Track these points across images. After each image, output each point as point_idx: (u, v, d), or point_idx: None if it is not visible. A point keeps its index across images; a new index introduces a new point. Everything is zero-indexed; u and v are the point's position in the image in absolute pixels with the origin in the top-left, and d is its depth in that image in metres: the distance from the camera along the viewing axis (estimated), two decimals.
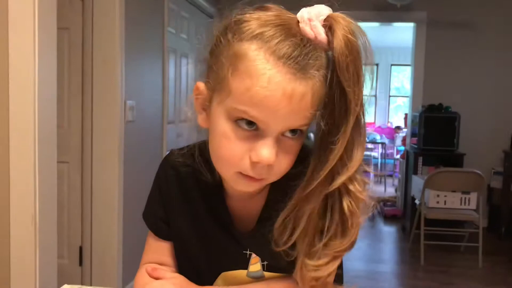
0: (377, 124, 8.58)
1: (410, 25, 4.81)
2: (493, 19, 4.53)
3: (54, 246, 1.97)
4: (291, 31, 0.63)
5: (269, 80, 0.60)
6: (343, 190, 0.64)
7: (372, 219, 5.06)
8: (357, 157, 0.63)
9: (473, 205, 3.62)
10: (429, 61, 4.67)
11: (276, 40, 0.61)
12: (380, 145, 7.46)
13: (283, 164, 0.66)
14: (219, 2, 4.05)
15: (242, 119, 0.63)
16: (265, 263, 0.78)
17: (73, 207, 2.61)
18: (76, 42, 2.54)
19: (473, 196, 3.62)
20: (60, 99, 2.17)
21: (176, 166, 0.81)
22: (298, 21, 0.64)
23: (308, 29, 0.63)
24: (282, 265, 0.73)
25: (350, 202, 0.64)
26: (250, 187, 0.68)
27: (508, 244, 4.13)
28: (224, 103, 0.64)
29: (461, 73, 4.62)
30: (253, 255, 0.78)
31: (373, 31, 6.90)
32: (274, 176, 0.67)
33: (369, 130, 7.96)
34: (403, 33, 5.75)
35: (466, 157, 4.30)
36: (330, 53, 0.63)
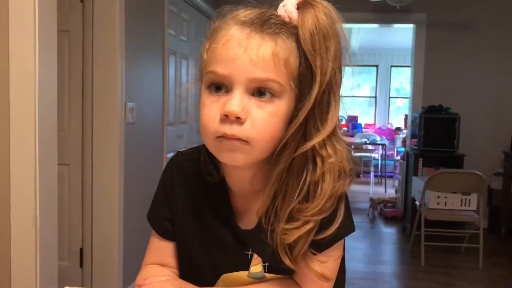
0: (377, 125, 8.56)
1: (410, 26, 4.81)
2: (492, 21, 4.53)
3: (54, 248, 1.97)
4: (265, 13, 0.69)
5: (228, 38, 0.67)
6: (317, 154, 0.68)
7: (372, 220, 5.07)
8: (329, 123, 0.67)
9: (473, 206, 3.62)
10: (429, 62, 4.67)
11: (245, 13, 0.69)
12: (380, 146, 7.45)
13: (257, 122, 0.67)
14: (219, 3, 4.06)
15: (213, 83, 0.68)
16: (267, 264, 0.78)
17: (73, 209, 2.61)
18: (77, 45, 2.54)
19: (474, 197, 3.61)
20: (61, 101, 2.17)
21: (182, 167, 0.82)
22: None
23: (282, 12, 0.69)
24: (282, 266, 0.73)
25: (321, 167, 0.68)
26: (231, 156, 0.68)
27: (508, 245, 4.12)
28: (203, 75, 0.70)
29: (461, 74, 4.62)
30: (255, 255, 0.78)
31: (373, 33, 6.89)
32: (253, 140, 0.67)
33: (369, 131, 7.97)
34: (403, 34, 5.74)
35: (466, 158, 4.30)
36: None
